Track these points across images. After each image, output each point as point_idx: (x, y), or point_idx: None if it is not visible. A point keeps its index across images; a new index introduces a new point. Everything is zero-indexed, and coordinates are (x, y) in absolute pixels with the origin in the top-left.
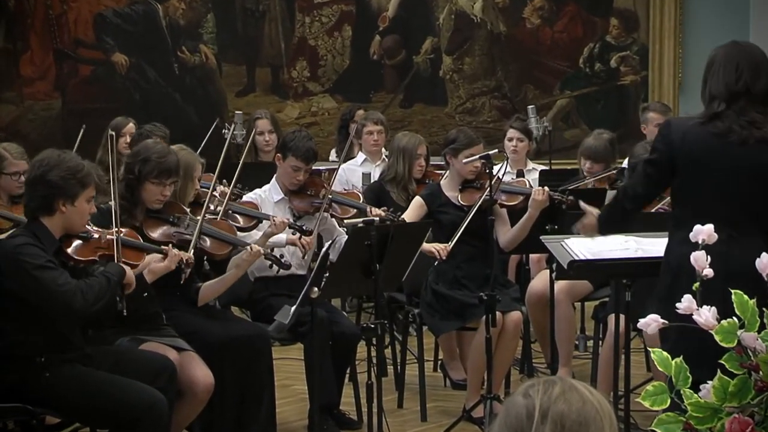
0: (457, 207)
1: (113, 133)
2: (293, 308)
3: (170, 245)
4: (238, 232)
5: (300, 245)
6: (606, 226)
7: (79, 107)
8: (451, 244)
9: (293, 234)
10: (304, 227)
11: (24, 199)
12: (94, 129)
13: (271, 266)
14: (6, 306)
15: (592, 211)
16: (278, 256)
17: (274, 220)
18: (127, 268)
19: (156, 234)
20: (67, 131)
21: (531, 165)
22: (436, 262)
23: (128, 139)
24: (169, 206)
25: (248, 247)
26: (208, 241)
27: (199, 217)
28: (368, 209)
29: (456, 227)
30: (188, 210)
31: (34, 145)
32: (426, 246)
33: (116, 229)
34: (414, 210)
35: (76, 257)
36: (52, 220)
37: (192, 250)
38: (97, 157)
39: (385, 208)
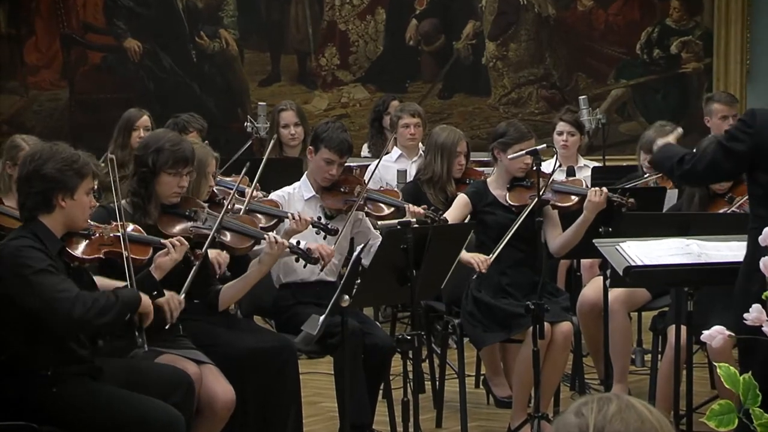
0: (504, 207)
1: (113, 156)
2: (322, 318)
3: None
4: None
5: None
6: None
7: (88, 98)
8: (493, 256)
9: (317, 233)
10: (329, 226)
11: (19, 200)
12: (105, 122)
13: (297, 260)
14: (9, 315)
15: None
16: (305, 249)
17: (294, 217)
18: (145, 297)
19: (174, 231)
20: (75, 124)
21: (583, 161)
22: (475, 275)
23: (142, 134)
24: (185, 201)
25: (267, 237)
26: (228, 235)
27: (217, 213)
28: (407, 207)
29: (503, 229)
30: (205, 204)
31: (40, 139)
32: (465, 255)
33: (120, 223)
34: (458, 209)
35: (80, 256)
36: (52, 218)
37: (207, 247)
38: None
39: (425, 206)
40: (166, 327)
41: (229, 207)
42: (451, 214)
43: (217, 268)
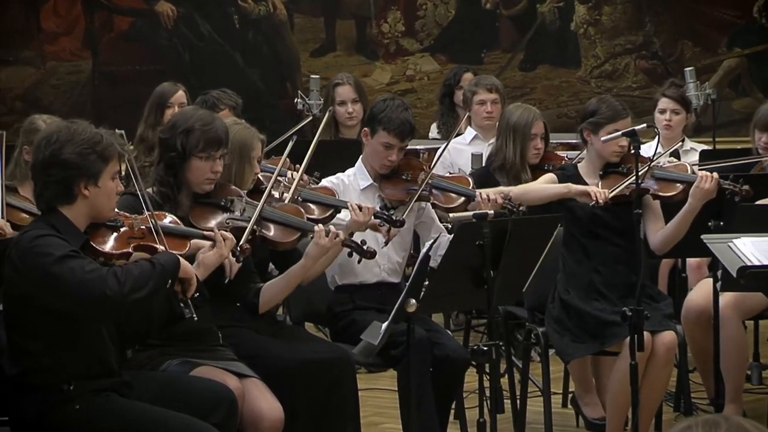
0: None
1: (127, 160)
2: (384, 325)
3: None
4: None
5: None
6: None
7: (114, 70)
8: (613, 192)
9: (380, 225)
10: (394, 217)
11: (35, 190)
12: (133, 98)
13: (350, 255)
14: (25, 318)
15: None
16: (359, 242)
17: (354, 207)
18: (183, 260)
19: (208, 224)
20: (98, 100)
21: (689, 143)
22: (560, 275)
23: (176, 111)
24: (220, 188)
25: (317, 227)
26: (270, 228)
27: (257, 202)
28: (477, 195)
29: (594, 222)
30: (243, 192)
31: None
32: (576, 187)
33: (150, 212)
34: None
35: (106, 251)
36: (74, 209)
37: (245, 240)
38: (137, 134)
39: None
40: (226, 281)
41: (272, 194)
42: None
43: (227, 273)
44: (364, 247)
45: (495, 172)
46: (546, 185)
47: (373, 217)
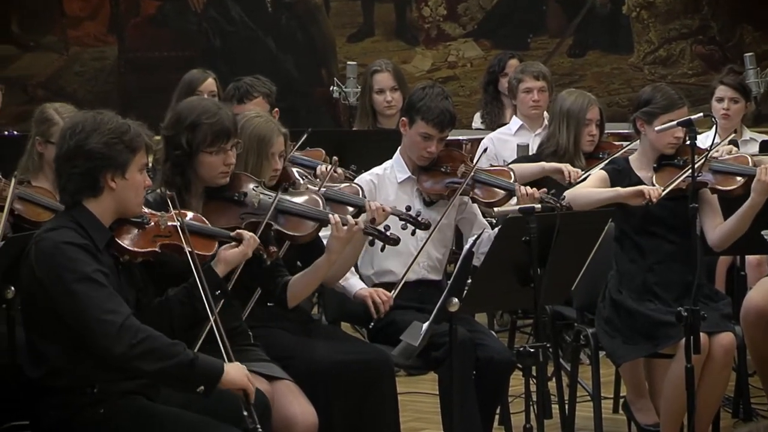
0: None
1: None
2: (425, 326)
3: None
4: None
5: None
6: None
7: (141, 56)
8: (667, 189)
9: (403, 228)
10: (420, 218)
11: (58, 182)
12: (161, 85)
13: (372, 243)
14: (46, 321)
15: None
16: (383, 229)
17: (370, 206)
18: (231, 371)
19: (222, 222)
20: (124, 88)
21: (748, 134)
22: (611, 273)
23: None
24: (234, 180)
25: (331, 219)
26: (284, 220)
27: (272, 193)
28: (516, 188)
29: (648, 218)
30: (261, 182)
31: (82, 106)
32: (625, 190)
33: (176, 211)
34: (591, 184)
35: (132, 249)
36: (100, 202)
37: (261, 232)
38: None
39: (545, 189)
40: (269, 263)
41: (292, 188)
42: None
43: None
44: (387, 233)
45: (546, 159)
46: (593, 191)
47: (398, 219)
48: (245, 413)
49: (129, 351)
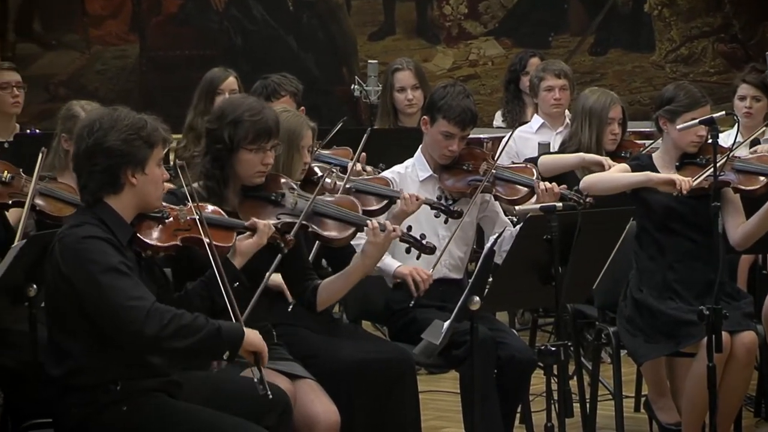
0: None
1: (182, 164)
2: (447, 324)
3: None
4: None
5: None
6: None
7: (162, 55)
8: (697, 180)
9: (436, 216)
10: (451, 206)
11: (78, 182)
12: (182, 84)
13: (408, 251)
14: (68, 317)
15: None
16: (418, 237)
17: (404, 196)
18: (250, 333)
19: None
20: (146, 86)
21: None
22: (632, 272)
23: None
24: (270, 181)
25: (369, 224)
26: (323, 223)
27: (309, 195)
28: (535, 185)
29: (669, 214)
30: (295, 184)
31: (104, 105)
32: (658, 176)
33: (194, 204)
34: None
35: (154, 244)
36: (121, 199)
37: (293, 235)
38: (186, 122)
39: (565, 185)
40: (285, 252)
41: (325, 186)
42: None
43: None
44: (424, 242)
45: None
46: (620, 174)
47: (430, 208)
48: (256, 380)
49: (160, 332)
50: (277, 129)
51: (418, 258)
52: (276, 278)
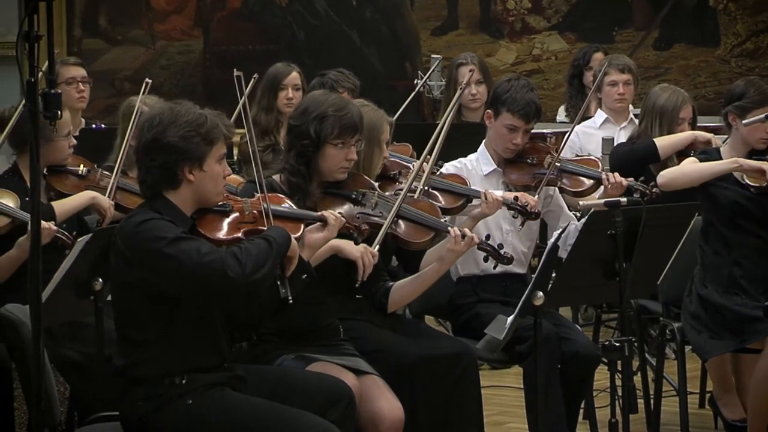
0: (741, 184)
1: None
2: (510, 319)
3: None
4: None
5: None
6: None
7: (226, 50)
8: None
9: (514, 217)
10: (528, 207)
11: (138, 176)
12: (245, 79)
13: (486, 259)
14: (135, 311)
15: None
16: (496, 246)
17: (485, 196)
18: (292, 236)
19: None
20: (210, 81)
21: None
22: (697, 267)
23: (290, 94)
24: (351, 179)
25: (451, 231)
26: (402, 226)
27: (389, 193)
28: (603, 176)
29: (737, 210)
30: (376, 185)
31: (168, 100)
32: (749, 162)
33: (261, 194)
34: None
35: (214, 237)
36: (179, 194)
37: (378, 243)
38: (250, 116)
39: (643, 178)
40: (357, 285)
41: (405, 188)
42: None
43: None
44: (501, 252)
45: None
46: (704, 164)
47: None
48: (279, 282)
49: (243, 270)
50: (361, 124)
51: (495, 267)
52: (354, 251)
